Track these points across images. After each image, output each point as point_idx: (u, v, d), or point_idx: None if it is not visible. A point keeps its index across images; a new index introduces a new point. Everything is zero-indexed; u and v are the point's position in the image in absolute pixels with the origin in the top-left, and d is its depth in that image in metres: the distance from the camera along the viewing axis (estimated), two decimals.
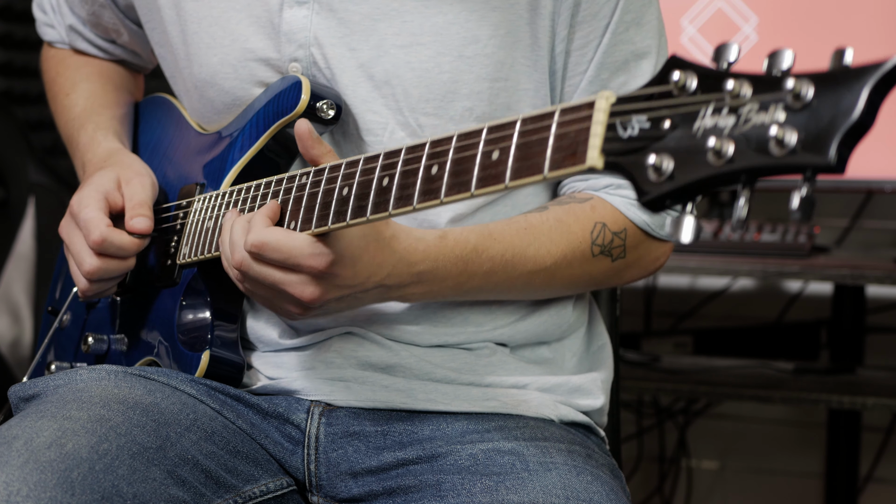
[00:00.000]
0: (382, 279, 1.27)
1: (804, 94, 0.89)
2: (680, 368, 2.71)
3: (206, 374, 1.41)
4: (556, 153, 1.03)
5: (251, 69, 1.45)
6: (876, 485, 2.97)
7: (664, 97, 0.96)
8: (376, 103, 1.40)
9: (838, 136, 0.87)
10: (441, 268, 1.32)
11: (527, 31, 1.39)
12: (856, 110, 0.87)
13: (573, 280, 1.43)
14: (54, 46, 1.76)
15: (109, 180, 1.50)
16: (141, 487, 1.22)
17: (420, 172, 1.14)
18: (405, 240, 1.29)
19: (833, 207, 2.95)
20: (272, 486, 1.38)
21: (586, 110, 1.01)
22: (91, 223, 1.45)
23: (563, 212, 1.42)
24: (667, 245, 1.49)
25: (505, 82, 1.39)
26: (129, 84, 1.75)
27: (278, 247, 1.23)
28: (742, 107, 0.91)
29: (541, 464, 1.32)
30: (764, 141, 0.89)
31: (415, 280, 1.31)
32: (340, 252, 1.23)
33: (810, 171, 0.89)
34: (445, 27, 1.38)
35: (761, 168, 0.90)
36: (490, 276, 1.36)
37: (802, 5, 2.61)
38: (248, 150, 1.44)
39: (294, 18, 1.41)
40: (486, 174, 1.09)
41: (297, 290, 1.25)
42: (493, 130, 1.10)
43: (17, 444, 1.20)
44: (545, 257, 1.38)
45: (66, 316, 1.64)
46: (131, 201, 1.48)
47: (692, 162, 0.93)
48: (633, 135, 0.97)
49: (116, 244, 1.45)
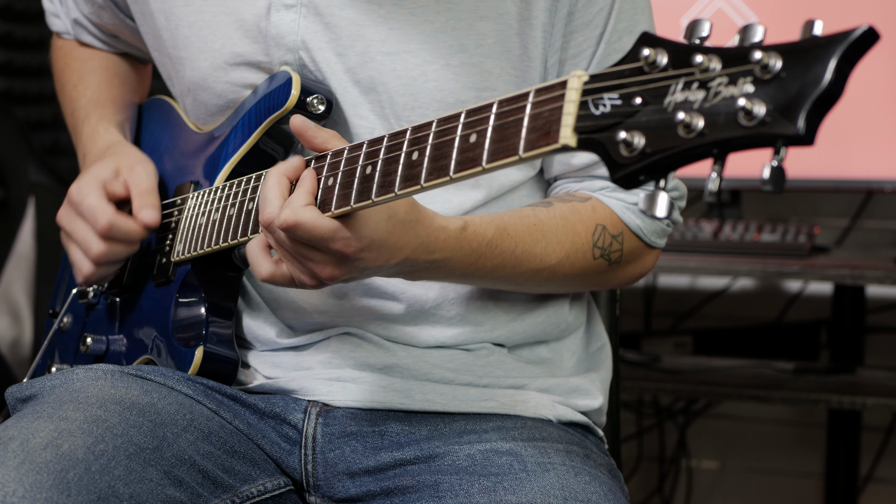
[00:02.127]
0: (399, 261, 1.26)
1: (772, 65, 0.89)
2: (680, 368, 2.71)
3: (200, 370, 1.41)
4: (530, 133, 1.04)
5: (241, 73, 1.45)
6: (876, 485, 2.97)
7: (635, 74, 0.96)
8: (363, 108, 1.40)
9: (807, 106, 0.87)
10: (455, 258, 1.31)
11: (516, 42, 1.39)
12: (824, 80, 0.87)
13: (569, 279, 1.43)
14: (62, 37, 1.77)
15: (107, 170, 1.51)
16: (137, 488, 1.22)
17: (401, 159, 1.15)
18: (429, 226, 1.27)
19: (833, 207, 2.95)
20: (269, 486, 1.38)
21: (559, 90, 1.02)
22: (97, 210, 1.47)
23: (568, 210, 1.42)
24: (655, 252, 1.49)
25: (492, 92, 1.39)
26: (134, 77, 1.76)
27: (310, 229, 1.19)
28: (711, 80, 0.92)
29: (539, 464, 1.32)
30: (733, 113, 0.90)
31: (428, 267, 1.29)
32: (369, 238, 1.21)
33: (780, 141, 0.89)
34: (433, 35, 1.38)
35: (731, 140, 0.90)
36: (497, 270, 1.36)
37: (802, 5, 2.61)
38: (241, 147, 1.45)
39: (282, 22, 1.41)
40: (463, 157, 1.10)
41: (318, 268, 1.22)
42: (471, 114, 1.10)
43: (13, 445, 1.20)
44: (550, 256, 1.38)
45: (66, 318, 1.65)
46: (137, 188, 1.50)
47: (663, 137, 0.93)
48: (605, 112, 0.97)
49: (124, 230, 1.47)
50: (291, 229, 1.19)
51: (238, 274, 1.47)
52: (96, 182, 1.50)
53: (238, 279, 1.47)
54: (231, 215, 1.38)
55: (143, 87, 1.78)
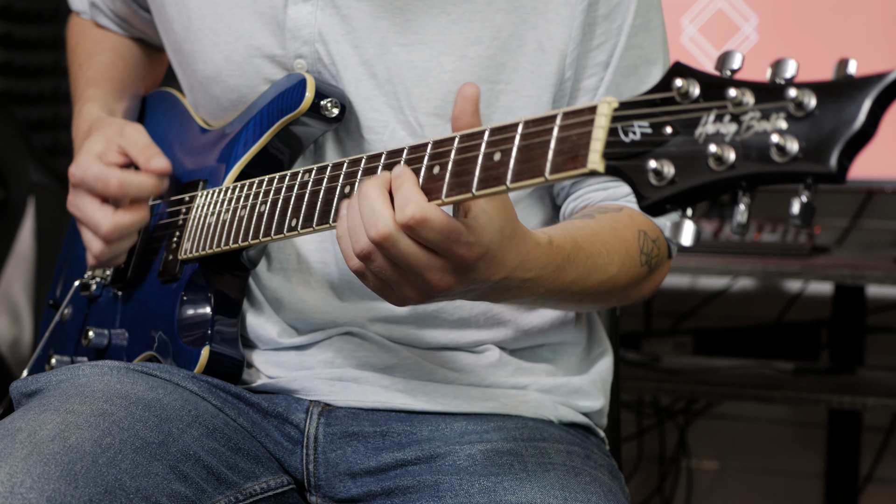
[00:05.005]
0: (499, 279, 1.17)
1: (806, 103, 0.89)
2: (680, 368, 2.71)
3: (206, 370, 1.41)
4: (557, 156, 1.04)
5: (256, 66, 1.45)
6: (876, 485, 2.96)
7: (666, 103, 0.97)
8: (378, 101, 1.40)
9: (840, 146, 0.88)
10: (543, 276, 1.21)
11: (531, 36, 1.39)
12: (857, 121, 0.87)
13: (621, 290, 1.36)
14: (80, 16, 1.78)
15: (98, 143, 1.49)
16: (143, 481, 1.22)
17: (422, 172, 1.14)
18: (529, 242, 1.19)
19: (833, 207, 2.95)
20: (273, 483, 1.38)
21: (588, 114, 1.02)
22: (103, 174, 1.44)
23: (612, 219, 1.38)
24: (669, 262, 1.47)
25: (507, 85, 1.39)
26: (145, 63, 1.75)
27: (440, 226, 1.10)
28: (744, 114, 0.92)
29: (539, 465, 1.32)
30: (765, 148, 0.90)
31: (518, 286, 1.20)
32: (487, 245, 1.13)
33: (811, 178, 0.89)
34: (448, 27, 1.38)
35: (762, 175, 0.91)
36: (571, 285, 1.27)
37: (802, 5, 2.61)
38: (252, 147, 1.44)
39: (299, 15, 1.41)
40: (487, 175, 1.09)
41: (435, 276, 1.12)
42: (496, 132, 1.10)
43: (20, 437, 1.20)
44: (611, 266, 1.32)
45: (67, 310, 1.65)
46: (135, 147, 1.47)
47: (693, 168, 0.94)
48: (635, 139, 0.98)
49: (136, 184, 1.44)
50: (419, 225, 1.09)
51: (245, 274, 1.46)
52: (92, 156, 1.47)
53: (245, 279, 1.46)
54: (242, 217, 1.37)
55: (155, 74, 1.77)
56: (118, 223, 1.45)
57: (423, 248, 1.12)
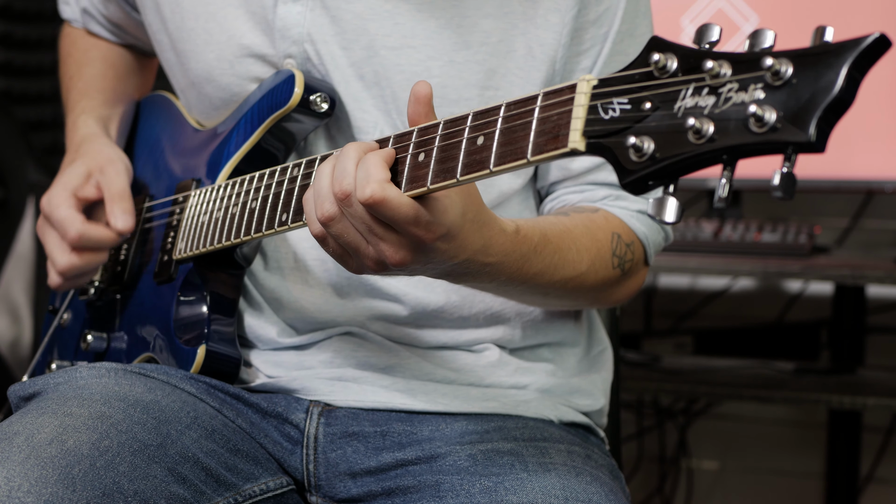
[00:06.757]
0: (460, 261, 1.19)
1: (783, 71, 0.89)
2: (680, 368, 2.71)
3: (203, 369, 1.41)
4: (538, 137, 1.03)
5: (247, 65, 1.45)
6: (876, 485, 2.96)
7: (645, 78, 0.96)
8: (367, 103, 1.40)
9: (818, 113, 0.87)
10: (505, 263, 1.24)
11: (521, 42, 1.39)
12: (835, 87, 0.87)
13: (591, 290, 1.39)
14: (71, 25, 1.78)
15: (77, 176, 1.52)
16: (142, 484, 1.22)
17: (408, 160, 1.14)
18: (493, 228, 1.21)
19: (833, 207, 2.94)
20: (272, 484, 1.38)
21: (568, 93, 1.02)
22: (66, 222, 1.48)
23: (586, 218, 1.39)
24: (646, 269, 1.48)
25: (496, 91, 1.39)
26: (136, 70, 1.76)
27: (398, 208, 1.12)
28: (722, 86, 0.92)
29: (540, 465, 1.32)
30: (744, 119, 0.90)
31: (479, 271, 1.22)
32: (447, 227, 1.14)
33: (791, 148, 0.89)
34: (437, 31, 1.38)
35: (741, 146, 0.90)
36: (537, 277, 1.30)
37: (802, 5, 2.61)
38: (243, 145, 1.44)
39: (288, 14, 1.41)
40: (471, 160, 1.09)
41: (390, 251, 1.15)
42: (479, 116, 1.10)
43: (18, 440, 1.20)
44: (580, 263, 1.34)
45: (66, 315, 1.65)
46: (109, 192, 1.50)
47: (673, 142, 0.93)
48: (615, 116, 0.97)
49: (95, 239, 1.48)
50: (376, 205, 1.11)
51: (240, 272, 1.46)
52: (66, 191, 1.51)
53: (240, 277, 1.47)
54: (234, 214, 1.38)
55: (146, 81, 1.78)
56: (73, 264, 1.49)
57: (379, 222, 1.14)
